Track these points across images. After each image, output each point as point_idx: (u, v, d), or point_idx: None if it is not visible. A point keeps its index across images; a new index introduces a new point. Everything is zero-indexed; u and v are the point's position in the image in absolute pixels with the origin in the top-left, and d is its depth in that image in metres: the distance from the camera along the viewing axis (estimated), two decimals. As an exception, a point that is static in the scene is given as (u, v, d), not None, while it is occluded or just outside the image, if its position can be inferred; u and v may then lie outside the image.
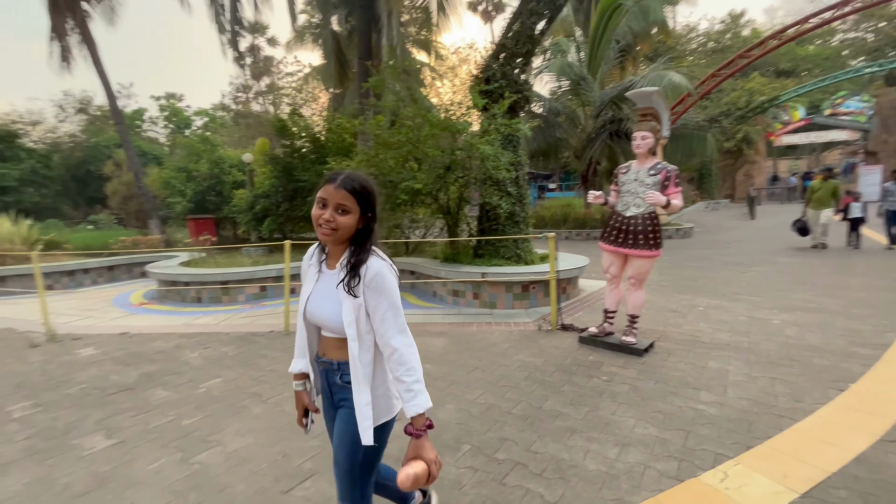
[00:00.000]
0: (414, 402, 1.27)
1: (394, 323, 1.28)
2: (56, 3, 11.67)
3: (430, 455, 1.27)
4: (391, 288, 1.29)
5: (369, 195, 1.31)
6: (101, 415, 3.11)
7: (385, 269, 1.29)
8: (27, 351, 4.62)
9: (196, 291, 6.61)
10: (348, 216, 1.27)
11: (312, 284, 1.41)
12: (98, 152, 21.30)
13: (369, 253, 1.31)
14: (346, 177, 1.29)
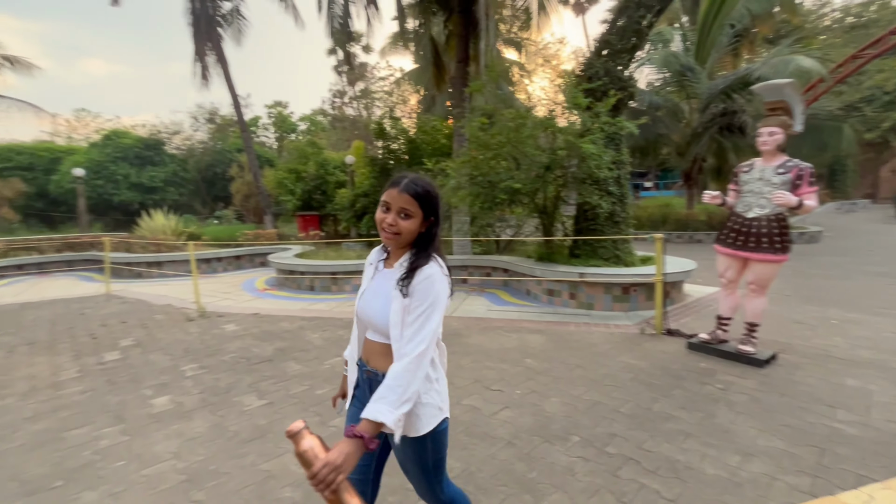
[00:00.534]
0: (377, 406, 1.14)
1: (422, 327, 1.20)
2: (199, 29, 13.63)
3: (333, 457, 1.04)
4: (437, 295, 1.22)
5: (433, 199, 1.28)
6: (251, 379, 3.68)
7: (437, 276, 1.24)
8: (186, 323, 5.54)
9: (310, 281, 7.38)
10: (411, 220, 1.26)
11: (367, 282, 1.41)
12: (222, 156, 24.37)
13: (429, 258, 1.28)
14: (410, 181, 1.27)
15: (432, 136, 10.96)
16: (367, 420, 1.12)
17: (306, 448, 1.05)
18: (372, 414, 1.12)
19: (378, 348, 1.34)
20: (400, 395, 1.15)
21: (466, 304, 6.12)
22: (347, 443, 1.08)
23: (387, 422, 1.12)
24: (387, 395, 1.15)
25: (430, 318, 1.22)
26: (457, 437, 2.69)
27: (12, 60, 13.37)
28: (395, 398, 1.15)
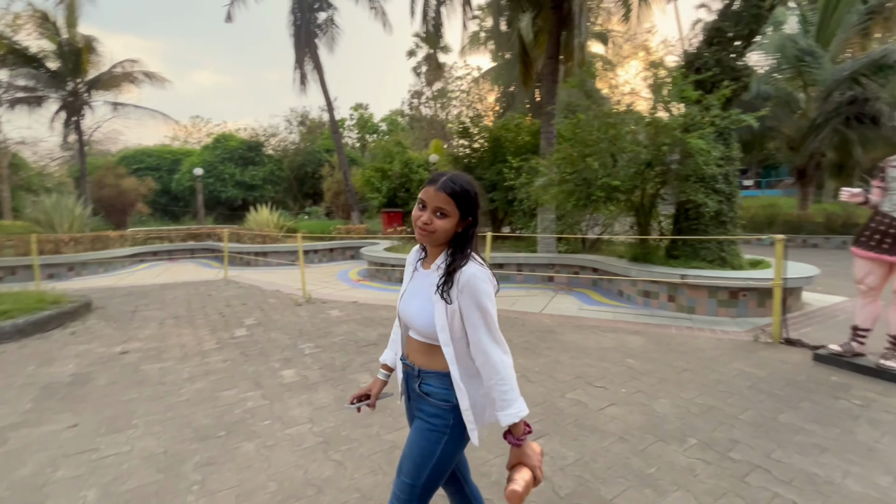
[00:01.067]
0: (509, 411, 1.21)
1: (486, 330, 1.22)
2: (299, 40, 14.83)
3: (533, 461, 1.24)
4: (484, 294, 1.21)
5: (470, 199, 1.25)
6: (362, 360, 4.00)
7: (479, 275, 1.22)
8: (296, 308, 6.12)
9: (400, 273, 7.76)
10: (446, 220, 1.23)
11: (408, 282, 1.42)
12: (312, 157, 26.19)
13: (467, 258, 1.25)
14: (447, 178, 1.24)
15: (515, 133, 10.94)
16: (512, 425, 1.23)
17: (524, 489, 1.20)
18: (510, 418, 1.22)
19: (418, 346, 1.36)
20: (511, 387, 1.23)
21: (556, 302, 6.08)
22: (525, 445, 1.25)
23: (524, 413, 1.23)
24: (507, 396, 1.22)
25: (491, 319, 1.23)
26: (566, 427, 2.74)
27: (149, 75, 15.52)
28: (514, 394, 1.23)
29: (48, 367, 3.99)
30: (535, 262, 7.46)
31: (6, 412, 3.12)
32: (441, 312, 1.23)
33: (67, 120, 14.93)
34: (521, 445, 1.23)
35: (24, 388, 3.53)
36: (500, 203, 10.38)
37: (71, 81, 14.50)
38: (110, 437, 2.75)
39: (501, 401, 1.22)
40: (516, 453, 1.24)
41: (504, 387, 1.22)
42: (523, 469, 1.23)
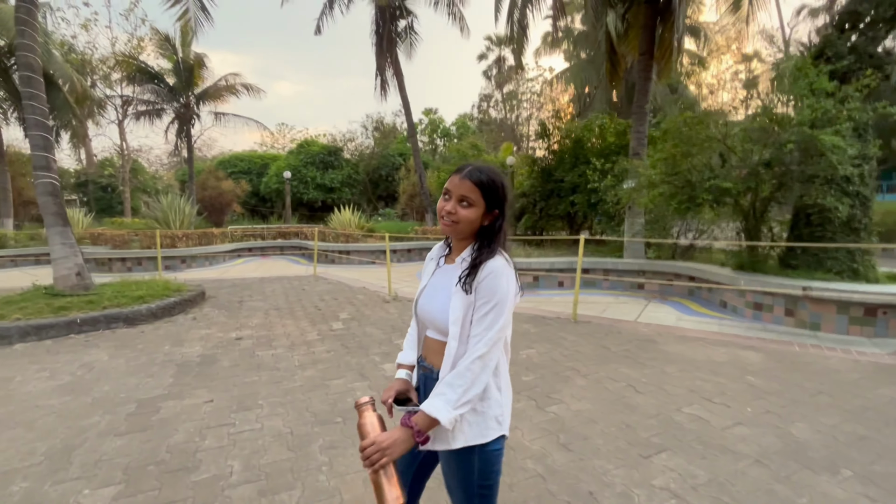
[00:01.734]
0: (435, 402, 1.08)
1: (489, 327, 1.11)
2: (381, 47, 15.45)
3: (382, 438, 1.05)
4: (503, 292, 1.12)
5: (497, 189, 1.18)
6: (458, 359, 4.04)
7: (503, 272, 1.14)
8: (384, 304, 6.34)
9: (481, 275, 7.77)
10: (471, 209, 1.17)
11: (428, 279, 1.34)
12: (386, 160, 27.13)
13: (494, 253, 1.17)
14: (473, 168, 1.18)
15: (599, 134, 10.55)
16: (424, 413, 1.08)
17: (365, 422, 1.10)
18: (428, 408, 1.08)
19: (436, 346, 1.25)
20: (460, 395, 1.08)
21: (650, 311, 5.75)
22: (399, 430, 1.08)
23: (441, 419, 1.06)
24: (446, 391, 1.09)
25: (497, 318, 1.12)
26: (688, 444, 2.56)
27: (247, 86, 17.00)
28: (454, 397, 1.08)
29: (180, 348, 4.47)
30: (624, 268, 7.12)
31: (154, 384, 3.53)
32: (457, 305, 1.15)
33: (180, 129, 16.76)
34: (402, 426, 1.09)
35: (164, 365, 3.98)
36: (582, 206, 10.05)
37: (184, 95, 16.26)
38: (242, 415, 3.00)
39: (438, 388, 1.12)
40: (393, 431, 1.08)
41: (454, 380, 1.09)
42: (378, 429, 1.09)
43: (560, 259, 7.44)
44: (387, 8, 15.10)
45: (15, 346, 4.58)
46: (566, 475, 2.28)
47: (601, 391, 3.31)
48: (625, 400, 3.15)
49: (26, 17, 5.86)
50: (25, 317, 4.94)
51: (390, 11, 15.37)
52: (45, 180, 5.78)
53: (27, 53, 5.84)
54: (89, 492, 2.20)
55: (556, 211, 11.31)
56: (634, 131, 7.82)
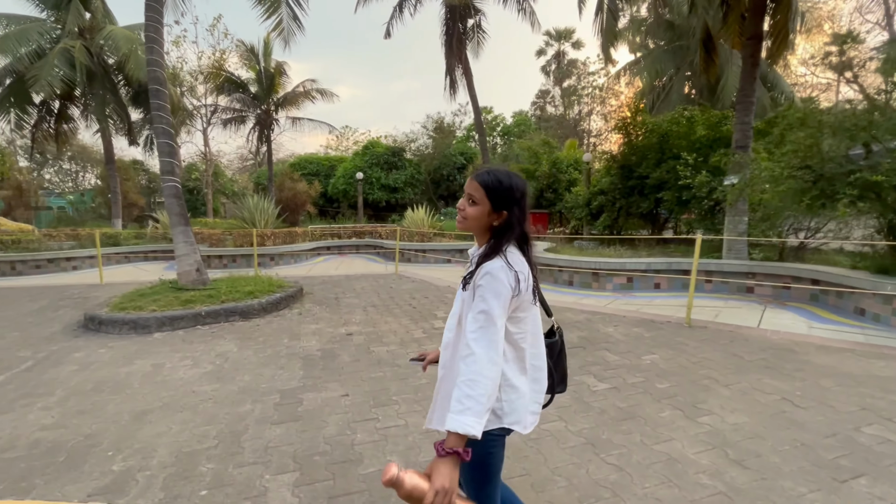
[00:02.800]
0: (457, 417, 1.07)
1: (483, 327, 1.13)
2: (451, 47, 15.52)
3: (439, 482, 1.02)
4: (496, 292, 1.15)
5: (502, 191, 1.24)
6: (576, 363, 3.90)
7: (497, 273, 1.17)
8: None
9: (569, 276, 7.56)
10: (475, 207, 1.26)
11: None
12: (447, 160, 27.30)
13: (496, 253, 1.22)
14: (484, 170, 1.28)
15: (687, 127, 9.91)
16: (449, 434, 1.07)
17: (410, 489, 1.02)
18: (453, 424, 1.07)
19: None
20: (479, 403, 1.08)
21: (770, 317, 5.29)
22: (444, 462, 1.05)
23: (469, 431, 1.06)
24: (465, 402, 1.08)
25: (488, 319, 1.14)
26: (887, 467, 2.28)
27: (321, 91, 17.76)
28: (479, 408, 1.08)
29: (298, 342, 4.68)
30: (730, 269, 6.61)
31: (288, 376, 3.71)
32: (458, 299, 1.26)
33: (260, 134, 17.82)
34: (442, 458, 1.05)
35: (290, 358, 4.17)
36: (670, 204, 9.50)
37: (265, 101, 17.27)
38: (381, 410, 3.06)
39: (458, 402, 1.09)
40: (433, 464, 1.06)
41: (468, 390, 1.09)
42: (424, 478, 1.04)
43: (658, 260, 7.06)
44: (457, 7, 15.14)
45: (154, 335, 5.02)
46: (754, 496, 2.10)
47: (753, 403, 3.05)
48: (786, 415, 2.88)
49: (154, 34, 6.43)
50: (160, 309, 5.41)
51: (460, 10, 15.40)
52: (170, 184, 6.31)
53: (155, 68, 6.39)
54: (270, 477, 2.32)
55: (637, 209, 10.78)
56: (738, 122, 7.25)
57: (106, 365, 4.06)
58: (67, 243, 11.89)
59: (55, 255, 10.32)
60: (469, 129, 33.12)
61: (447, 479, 1.03)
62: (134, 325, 5.11)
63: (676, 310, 5.72)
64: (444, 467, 1.04)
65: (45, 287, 8.32)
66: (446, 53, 15.81)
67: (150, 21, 6.42)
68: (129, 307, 5.46)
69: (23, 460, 2.52)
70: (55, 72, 13.96)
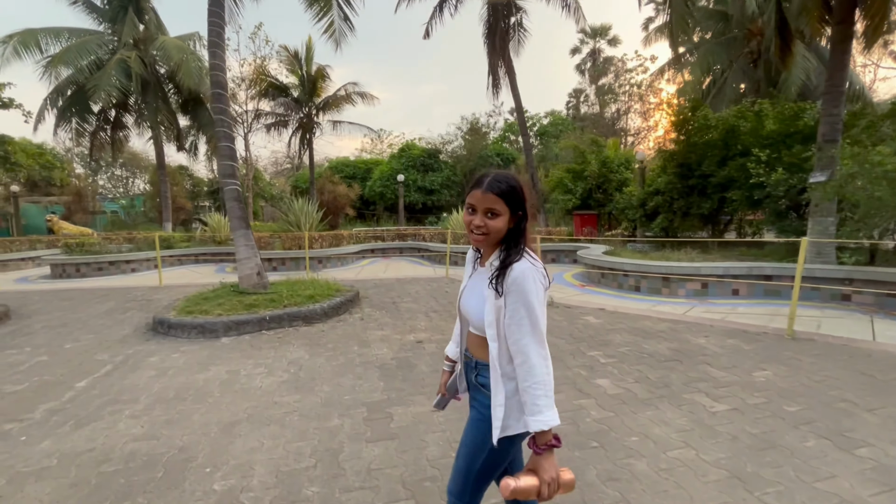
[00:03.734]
0: (538, 417, 1.17)
1: (529, 330, 1.20)
2: (493, 46, 15.26)
3: (547, 474, 1.16)
4: (532, 293, 1.20)
5: (517, 194, 1.26)
6: (679, 378, 3.54)
7: (530, 273, 1.22)
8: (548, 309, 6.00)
9: (636, 280, 7.13)
10: (498, 219, 1.25)
11: (467, 279, 1.44)
12: (483, 161, 26.99)
13: (520, 254, 1.26)
14: (492, 179, 1.25)
15: (755, 122, 9.27)
16: (540, 432, 1.17)
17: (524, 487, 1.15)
18: (537, 425, 1.16)
19: (477, 341, 1.38)
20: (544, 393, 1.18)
21: (884, 329, 4.75)
22: (544, 457, 1.17)
23: (553, 423, 1.17)
24: (539, 403, 1.17)
25: (533, 320, 1.20)
26: None
27: (362, 94, 17.85)
28: (547, 401, 1.18)
29: (368, 349, 4.51)
30: (823, 275, 6.03)
31: (369, 387, 3.52)
32: (490, 308, 1.25)
33: (302, 137, 18.06)
34: (542, 454, 1.18)
35: (365, 367, 4.00)
36: (740, 204, 8.88)
37: (307, 105, 17.49)
38: (480, 429, 2.81)
39: (533, 405, 1.19)
40: (534, 461, 1.19)
41: (538, 391, 1.19)
42: (532, 476, 1.18)
43: (737, 264, 6.54)
44: (500, 5, 14.87)
45: (222, 340, 4.97)
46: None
47: (913, 434, 2.63)
48: (964, 450, 2.45)
49: (216, 39, 6.46)
50: (226, 313, 5.37)
51: (503, 9, 15.11)
52: (231, 187, 6.31)
53: (218, 73, 6.42)
54: (383, 505, 2.11)
55: (698, 210, 10.18)
56: (826, 115, 6.64)
57: (182, 371, 4.00)
58: (125, 246, 12.31)
59: (116, 258, 10.66)
60: (505, 129, 32.73)
61: (552, 469, 1.17)
62: (202, 329, 5.08)
63: (766, 319, 5.24)
64: (546, 461, 1.17)
65: (110, 289, 8.56)
66: (489, 52, 15.54)
67: (213, 26, 6.45)
68: (196, 311, 5.45)
69: (121, 474, 2.41)
70: (112, 81, 14.54)
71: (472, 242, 1.34)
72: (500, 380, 1.27)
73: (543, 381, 1.18)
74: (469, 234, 1.30)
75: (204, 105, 18.01)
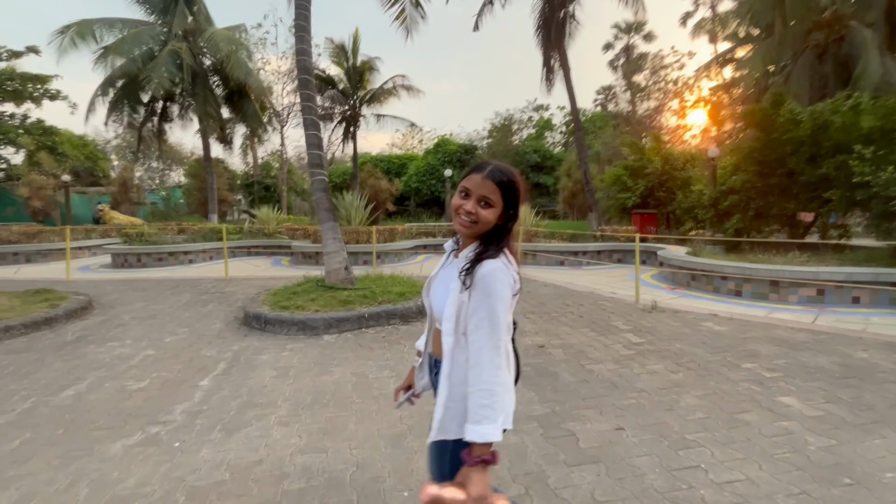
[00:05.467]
0: (476, 427, 1.08)
1: (486, 333, 1.11)
2: (548, 38, 14.79)
3: (474, 490, 1.04)
4: (497, 295, 1.12)
5: (515, 191, 1.20)
6: (883, 402, 3.11)
7: (500, 274, 1.13)
8: (647, 314, 5.59)
9: (736, 284, 6.64)
10: (490, 210, 1.19)
11: (438, 269, 1.38)
12: (520, 157, 26.51)
13: (498, 252, 1.18)
14: (494, 168, 1.20)
15: (851, 117, 8.62)
16: (477, 444, 1.08)
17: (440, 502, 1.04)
18: (473, 435, 1.08)
19: (438, 335, 1.30)
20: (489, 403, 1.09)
21: None
22: (475, 470, 1.07)
23: (491, 437, 1.08)
24: (483, 412, 1.09)
25: (493, 325, 1.11)
26: None
27: (407, 88, 17.58)
28: (495, 415, 1.10)
29: (490, 352, 4.17)
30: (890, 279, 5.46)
31: (521, 398, 3.18)
32: (453, 300, 1.18)
33: (345, 131, 17.90)
34: (471, 467, 1.07)
35: (502, 373, 3.66)
36: (838, 204, 8.28)
37: (352, 98, 17.30)
38: (689, 454, 2.45)
39: (474, 412, 1.10)
40: (464, 473, 1.08)
41: (483, 400, 1.10)
42: (459, 490, 1.05)
43: (862, 269, 5.99)
44: (556, -5, 14.38)
45: (324, 338, 4.71)
46: None
47: None
48: None
49: (303, 22, 6.20)
50: (322, 309, 5.12)
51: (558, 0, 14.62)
52: (319, 177, 6.06)
53: (304, 57, 6.18)
54: (648, 552, 1.77)
55: (781, 210, 9.58)
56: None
57: (304, 372, 3.74)
58: (179, 237, 12.29)
59: (174, 249, 10.60)
60: (540, 125, 32.12)
61: (481, 485, 1.06)
62: (303, 325, 4.84)
63: (916, 331, 4.73)
64: (476, 475, 1.07)
65: (178, 280, 8.45)
66: (543, 44, 15.08)
67: (300, 9, 6.20)
68: (290, 306, 5.22)
69: (310, 495, 2.13)
70: (165, 72, 14.57)
71: (456, 228, 1.24)
72: (447, 378, 1.18)
73: (490, 390, 1.10)
74: (455, 217, 1.22)
75: (248, 97, 18.01)
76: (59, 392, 3.35)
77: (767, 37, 17.96)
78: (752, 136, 10.54)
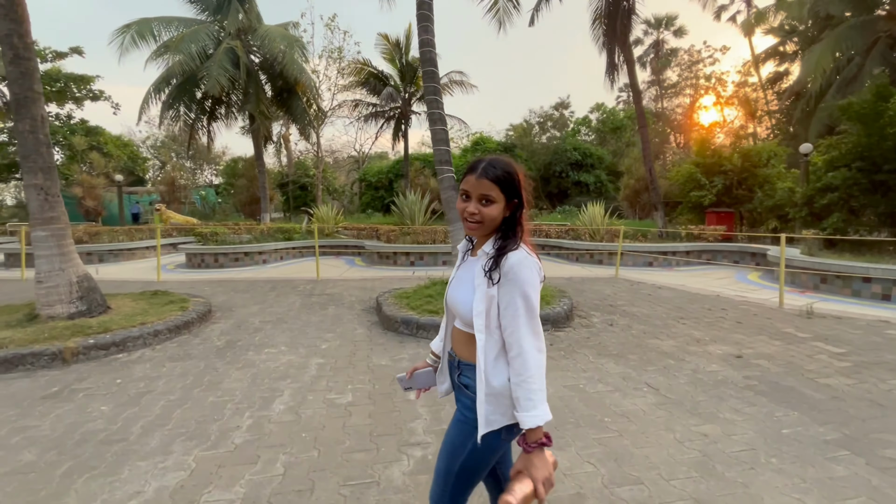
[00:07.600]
0: (531, 413, 1.11)
1: (525, 321, 1.14)
2: (613, 31, 14.33)
3: (539, 473, 1.10)
4: (528, 283, 1.15)
5: (513, 181, 1.21)
6: None
7: (526, 262, 1.16)
8: (805, 321, 5.19)
9: (883, 287, 6.20)
10: (493, 206, 1.20)
11: (456, 270, 1.38)
12: (560, 156, 26.01)
13: (516, 242, 1.20)
14: (486, 164, 1.20)
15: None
16: (529, 430, 1.12)
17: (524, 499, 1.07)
18: (530, 421, 1.11)
19: (460, 336, 1.31)
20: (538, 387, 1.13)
21: None
22: (535, 455, 1.11)
23: (545, 418, 1.12)
24: (533, 398, 1.12)
25: (528, 310, 1.14)
26: None
27: (461, 84, 17.27)
28: (541, 396, 1.13)
29: (680, 362, 3.84)
30: None
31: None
32: (481, 297, 1.19)
33: (396, 128, 17.66)
34: (531, 452, 1.12)
35: (721, 386, 3.33)
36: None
37: (404, 95, 17.05)
38: None
39: (526, 400, 1.13)
40: (524, 460, 1.13)
41: (532, 385, 1.13)
42: (525, 480, 1.10)
43: None
44: (622, -14, 13.91)
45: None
46: None
47: None
48: None
49: (427, 12, 5.93)
50: (474, 313, 4.83)
51: (623, -10, 14.14)
52: (448, 175, 5.79)
53: (430, 48, 5.90)
54: None
55: (887, 209, 9.06)
56: None
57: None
58: (245, 236, 12.16)
59: (249, 249, 10.45)
60: (578, 123, 31.50)
61: (545, 468, 1.11)
62: (461, 331, 4.55)
63: None
64: (537, 459, 1.11)
65: (272, 280, 8.26)
66: (607, 37, 14.63)
67: None
68: (439, 311, 4.94)
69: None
70: (222, 70, 14.46)
71: (466, 231, 1.28)
72: (483, 374, 1.19)
73: (537, 375, 1.14)
74: (463, 221, 1.24)
75: (297, 95, 17.87)
76: (267, 406, 3.11)
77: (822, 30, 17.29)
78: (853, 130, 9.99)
